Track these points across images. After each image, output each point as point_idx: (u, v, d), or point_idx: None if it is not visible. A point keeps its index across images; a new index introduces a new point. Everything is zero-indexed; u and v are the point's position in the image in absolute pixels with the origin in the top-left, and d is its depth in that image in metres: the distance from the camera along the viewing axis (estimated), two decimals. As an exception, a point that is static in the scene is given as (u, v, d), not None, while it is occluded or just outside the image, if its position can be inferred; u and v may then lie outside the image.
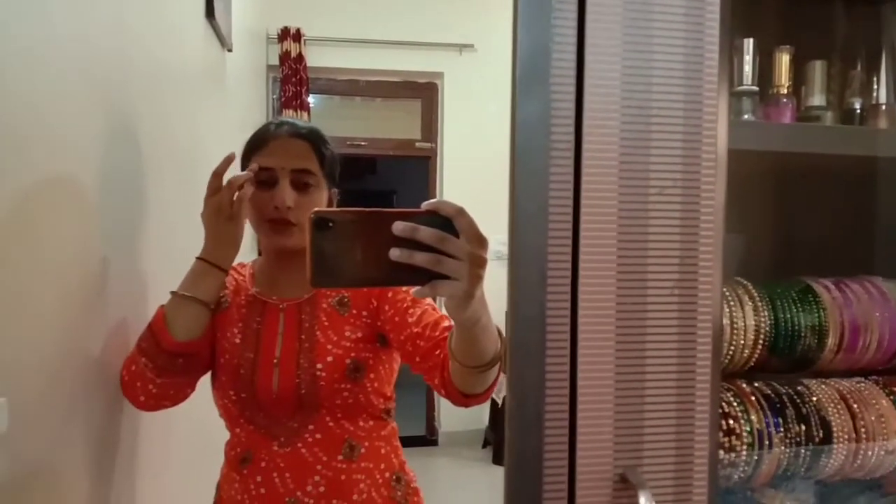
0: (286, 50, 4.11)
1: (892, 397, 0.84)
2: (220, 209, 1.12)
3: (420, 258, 0.65)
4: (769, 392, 0.82)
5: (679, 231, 0.64)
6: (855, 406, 0.82)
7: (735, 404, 0.79)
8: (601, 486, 0.62)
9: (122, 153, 1.22)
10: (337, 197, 1.24)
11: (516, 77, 0.59)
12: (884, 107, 0.92)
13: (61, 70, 0.95)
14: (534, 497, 0.60)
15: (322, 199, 1.18)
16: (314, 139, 1.17)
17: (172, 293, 1.13)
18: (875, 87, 0.93)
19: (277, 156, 1.14)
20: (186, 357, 1.12)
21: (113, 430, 1.19)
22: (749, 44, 0.90)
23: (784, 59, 0.91)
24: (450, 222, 0.67)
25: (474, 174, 4.17)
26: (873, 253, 0.98)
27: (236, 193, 1.12)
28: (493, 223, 0.78)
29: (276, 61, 4.13)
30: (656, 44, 0.63)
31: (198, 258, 1.15)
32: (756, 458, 0.78)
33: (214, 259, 1.14)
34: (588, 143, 0.62)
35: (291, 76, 4.10)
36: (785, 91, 0.92)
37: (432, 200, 0.68)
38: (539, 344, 0.60)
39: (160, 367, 1.10)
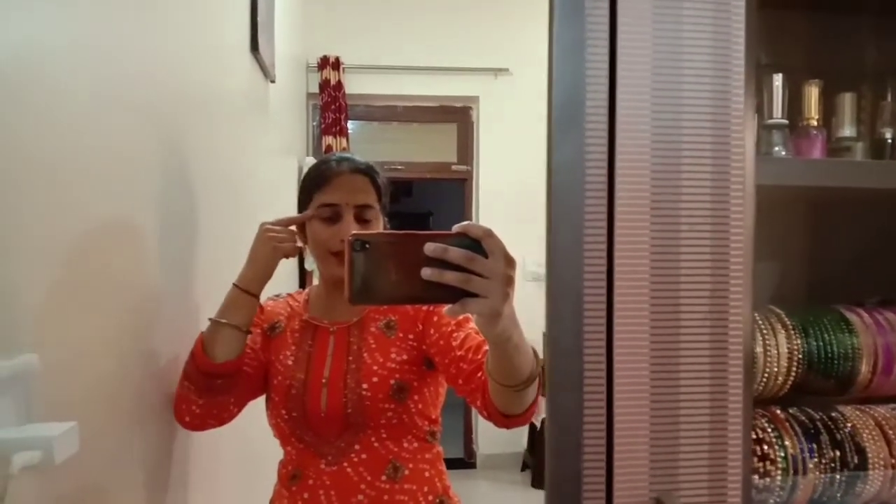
0: (326, 78, 4.21)
1: (928, 424, 0.85)
2: (280, 243, 1.21)
3: (450, 277, 0.70)
4: (803, 418, 0.83)
5: (710, 264, 0.67)
6: (890, 432, 0.83)
7: (770, 430, 0.81)
8: (637, 509, 0.65)
9: (177, 188, 1.30)
10: (388, 224, 1.30)
11: (552, 122, 0.63)
12: (914, 137, 0.94)
13: (128, 111, 1.03)
14: (573, 519, 0.63)
15: (380, 229, 1.24)
16: (372, 173, 1.25)
17: (210, 319, 1.20)
18: (905, 117, 0.95)
19: (341, 192, 1.22)
20: (224, 378, 1.18)
21: (166, 454, 1.24)
22: (778, 79, 0.93)
23: (813, 93, 0.94)
24: (479, 244, 0.71)
25: (510, 196, 4.23)
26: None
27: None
28: (528, 244, 0.81)
29: (315, 89, 4.24)
30: (685, 84, 0.67)
31: (234, 284, 1.21)
32: (791, 483, 0.79)
33: (246, 285, 1.20)
34: (621, 182, 0.65)
35: (331, 103, 4.20)
36: (815, 123, 0.94)
37: (462, 223, 0.72)
38: (577, 374, 0.63)
39: (200, 388, 1.17)
